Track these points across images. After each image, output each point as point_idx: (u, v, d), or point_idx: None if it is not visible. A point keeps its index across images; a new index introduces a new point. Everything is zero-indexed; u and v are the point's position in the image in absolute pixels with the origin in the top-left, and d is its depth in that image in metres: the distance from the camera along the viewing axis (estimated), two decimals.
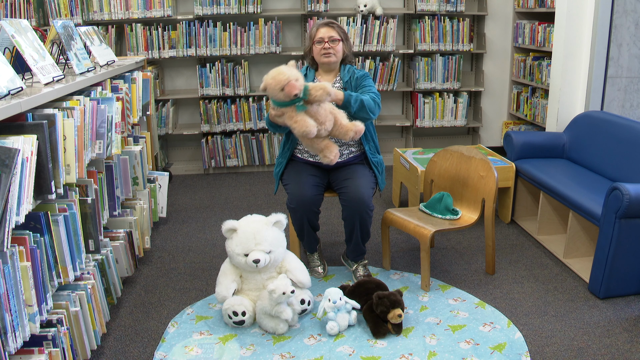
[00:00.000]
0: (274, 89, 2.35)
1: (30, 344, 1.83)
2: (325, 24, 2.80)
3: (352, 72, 2.83)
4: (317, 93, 2.37)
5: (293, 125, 2.39)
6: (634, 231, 2.59)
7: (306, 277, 2.60)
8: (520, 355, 2.27)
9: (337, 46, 2.78)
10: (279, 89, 2.33)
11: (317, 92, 2.37)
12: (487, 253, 2.97)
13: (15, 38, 2.08)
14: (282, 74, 2.34)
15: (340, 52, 2.81)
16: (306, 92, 2.36)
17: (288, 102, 2.36)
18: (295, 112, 2.37)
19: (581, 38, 3.74)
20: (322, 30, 2.78)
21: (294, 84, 2.32)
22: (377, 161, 2.85)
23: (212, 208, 4.05)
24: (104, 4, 4.41)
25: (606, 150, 3.31)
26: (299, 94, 2.33)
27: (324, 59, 2.78)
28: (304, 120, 2.36)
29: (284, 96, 2.34)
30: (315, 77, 2.87)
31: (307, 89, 2.36)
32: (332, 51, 2.77)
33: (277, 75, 2.34)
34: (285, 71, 2.35)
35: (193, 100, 4.92)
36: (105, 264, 2.49)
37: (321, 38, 2.77)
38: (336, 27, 2.80)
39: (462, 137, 5.33)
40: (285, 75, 2.33)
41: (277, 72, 2.36)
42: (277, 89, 2.34)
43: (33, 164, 1.73)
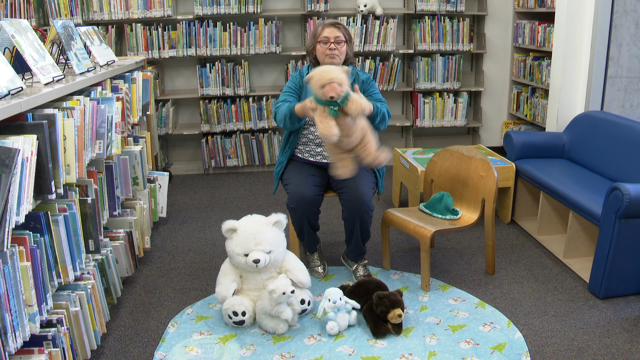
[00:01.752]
0: (316, 83, 2.36)
1: (30, 344, 1.83)
2: (332, 24, 2.77)
3: (355, 74, 2.82)
4: (352, 106, 2.36)
5: (318, 124, 2.39)
6: (634, 231, 2.59)
7: (306, 277, 2.60)
8: (520, 355, 2.27)
9: (342, 47, 2.76)
10: (320, 85, 2.34)
11: (352, 105, 2.36)
12: (487, 253, 2.97)
13: (15, 38, 2.08)
14: (329, 72, 2.34)
15: (344, 53, 2.79)
16: (344, 100, 2.35)
17: (324, 102, 2.37)
18: (326, 113, 2.37)
19: (581, 38, 3.74)
20: (327, 29, 2.75)
21: (335, 86, 2.32)
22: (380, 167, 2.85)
23: (212, 208, 4.05)
24: (104, 4, 4.41)
25: (606, 150, 3.31)
26: (336, 98, 2.33)
27: (327, 60, 2.76)
28: (329, 124, 2.35)
29: (321, 94, 2.35)
30: None
31: (346, 98, 2.35)
32: (336, 52, 2.75)
33: (324, 73, 2.35)
34: (334, 72, 2.35)
35: (193, 100, 4.92)
36: (105, 264, 2.49)
37: (326, 38, 2.74)
38: (342, 28, 2.78)
39: (462, 137, 5.33)
40: (331, 75, 2.33)
41: (327, 69, 2.37)
42: (319, 84, 2.34)
43: (33, 164, 1.73)
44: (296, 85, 2.84)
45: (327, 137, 2.37)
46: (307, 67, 2.89)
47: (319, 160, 2.81)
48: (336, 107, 2.35)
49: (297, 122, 2.67)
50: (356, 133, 2.44)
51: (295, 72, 2.90)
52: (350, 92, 2.39)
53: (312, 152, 2.82)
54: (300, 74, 2.85)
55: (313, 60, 2.86)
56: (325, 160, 2.80)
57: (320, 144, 2.80)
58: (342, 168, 2.51)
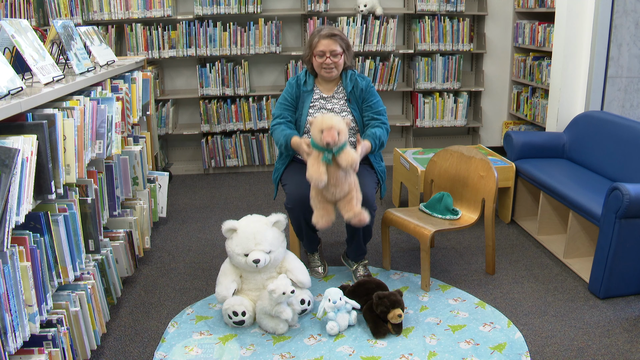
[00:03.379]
0: (316, 126, 2.40)
1: (30, 344, 1.83)
2: (328, 35, 2.68)
3: (354, 80, 2.77)
4: (344, 158, 2.39)
5: (309, 167, 2.43)
6: (634, 231, 2.59)
7: (306, 277, 2.60)
8: (520, 355, 2.27)
9: (339, 60, 2.70)
10: (319, 129, 2.38)
11: (345, 157, 2.39)
12: (487, 253, 2.97)
13: (15, 38, 2.08)
14: (331, 120, 2.38)
15: (342, 64, 2.73)
16: (338, 150, 2.39)
17: (319, 147, 2.40)
18: (319, 159, 2.41)
19: (581, 38, 3.74)
20: (323, 42, 2.67)
21: (334, 134, 2.35)
22: (381, 169, 2.85)
23: (212, 208, 4.05)
24: (104, 4, 4.41)
25: (606, 150, 3.31)
26: (332, 146, 2.36)
27: (324, 74, 2.72)
28: (320, 169, 2.39)
29: (319, 138, 2.38)
30: (314, 85, 2.81)
31: (340, 149, 2.39)
32: (333, 66, 2.69)
33: (327, 119, 2.39)
34: (336, 121, 2.39)
35: (193, 100, 4.92)
36: (105, 264, 2.49)
37: (322, 51, 2.68)
38: (338, 38, 2.69)
39: (462, 137, 5.33)
40: (332, 122, 2.37)
41: (329, 117, 2.41)
42: (319, 128, 2.39)
43: (33, 164, 1.73)
44: (292, 96, 2.79)
45: (314, 181, 2.39)
46: (304, 72, 2.85)
47: None
48: (330, 154, 2.39)
49: (292, 151, 2.69)
50: (344, 186, 2.46)
51: (292, 80, 2.84)
52: (347, 144, 2.43)
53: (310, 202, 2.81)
54: (297, 82, 2.80)
55: (310, 69, 2.81)
56: None
57: None
58: (320, 218, 2.51)
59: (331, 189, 2.45)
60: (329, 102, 2.77)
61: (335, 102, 2.78)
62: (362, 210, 2.49)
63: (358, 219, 2.49)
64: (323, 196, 2.49)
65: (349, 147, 2.45)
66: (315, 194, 2.51)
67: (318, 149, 2.41)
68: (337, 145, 2.37)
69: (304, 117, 2.74)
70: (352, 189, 2.49)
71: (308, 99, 2.76)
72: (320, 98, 2.77)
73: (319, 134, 2.38)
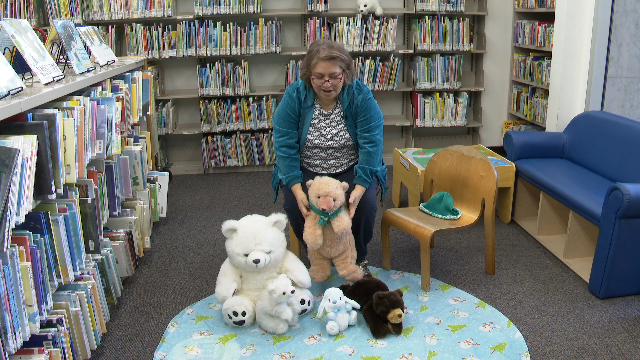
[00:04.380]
0: (313, 191, 2.55)
1: (30, 344, 1.83)
2: (327, 58, 2.52)
3: (351, 95, 2.67)
4: (338, 224, 2.53)
5: (306, 229, 2.59)
6: (634, 231, 2.59)
7: (306, 277, 2.60)
8: (520, 355, 2.27)
9: (339, 82, 2.59)
10: (316, 194, 2.53)
11: (338, 224, 2.53)
12: (487, 253, 2.97)
13: (15, 38, 2.08)
14: (328, 186, 2.52)
15: (341, 85, 2.62)
16: (333, 215, 2.54)
17: (316, 210, 2.55)
18: (315, 220, 2.57)
19: (581, 38, 3.74)
20: (322, 65, 2.53)
21: (329, 200, 2.50)
22: (382, 173, 2.85)
23: (212, 208, 4.05)
24: (104, 4, 4.41)
25: (606, 150, 3.31)
26: (327, 211, 2.51)
27: (323, 95, 2.64)
28: (315, 231, 2.56)
29: (315, 203, 2.54)
30: (314, 100, 2.71)
31: (335, 214, 2.54)
32: (332, 88, 2.59)
33: (324, 184, 2.53)
34: (332, 187, 2.52)
35: (193, 100, 4.92)
36: (105, 264, 2.49)
37: (321, 74, 2.55)
38: (338, 60, 2.54)
39: (462, 137, 5.33)
40: (329, 188, 2.51)
41: (327, 181, 2.54)
42: (315, 193, 2.54)
43: (33, 164, 1.73)
44: (294, 112, 2.69)
45: (309, 243, 2.57)
46: (302, 85, 2.72)
47: (318, 172, 2.79)
48: (326, 218, 2.54)
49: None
50: (339, 246, 2.63)
51: (292, 92, 2.71)
52: (342, 210, 2.57)
53: (310, 164, 2.81)
54: (298, 95, 2.69)
55: (308, 84, 2.69)
56: (324, 171, 2.78)
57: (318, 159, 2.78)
58: (316, 273, 2.69)
59: (327, 248, 2.63)
60: (327, 117, 2.73)
61: (333, 117, 2.73)
62: (356, 268, 2.67)
63: (352, 276, 2.65)
64: (319, 253, 2.67)
65: (344, 212, 2.58)
66: (313, 253, 2.67)
67: (315, 211, 2.57)
68: (332, 210, 2.53)
69: (305, 134, 2.72)
70: (347, 249, 2.66)
71: (309, 116, 2.72)
72: (320, 114, 2.73)
73: (316, 198, 2.53)
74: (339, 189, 2.53)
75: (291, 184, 2.68)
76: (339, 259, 2.66)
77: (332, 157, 2.76)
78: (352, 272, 2.65)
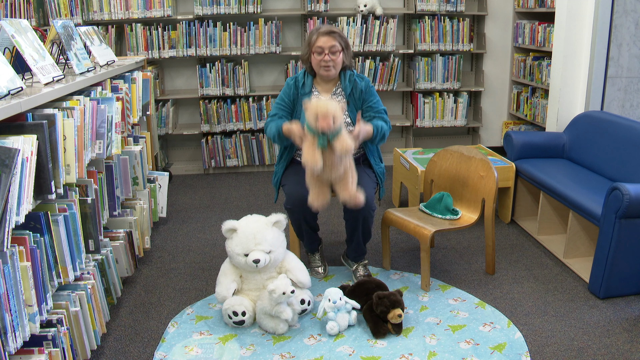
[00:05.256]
0: (312, 111, 2.38)
1: (30, 344, 1.83)
2: (326, 32, 2.67)
3: (353, 81, 2.75)
4: (339, 145, 2.37)
5: (304, 151, 2.42)
6: (634, 231, 2.59)
7: (306, 277, 2.60)
8: (520, 355, 2.27)
9: (338, 58, 2.69)
10: (315, 114, 2.36)
11: (340, 144, 2.37)
12: (487, 253, 2.97)
13: (15, 38, 2.08)
14: (327, 106, 2.36)
15: (340, 63, 2.72)
16: (333, 136, 2.37)
17: (314, 132, 2.39)
18: (314, 144, 2.40)
19: (581, 38, 3.74)
20: (322, 39, 2.65)
21: (329, 120, 2.33)
22: (380, 171, 2.85)
23: (212, 208, 4.05)
24: (104, 4, 4.41)
25: (606, 150, 3.31)
26: (327, 132, 2.35)
27: (323, 72, 2.70)
28: (315, 154, 2.38)
29: (314, 124, 2.37)
30: (313, 85, 2.79)
31: (336, 134, 2.37)
32: (331, 64, 2.67)
33: (322, 104, 2.37)
34: (331, 107, 2.36)
35: (193, 100, 4.92)
36: (105, 264, 2.49)
37: (321, 48, 2.66)
38: (337, 36, 2.67)
39: (462, 137, 5.33)
40: (328, 109, 2.35)
41: (325, 102, 2.38)
42: (314, 113, 2.36)
43: (33, 164, 1.73)
44: (289, 97, 2.78)
45: (310, 166, 2.39)
46: (302, 72, 2.82)
47: None
48: (325, 140, 2.38)
49: (286, 140, 2.66)
50: (339, 169, 2.45)
51: (290, 80, 2.82)
52: (342, 129, 2.41)
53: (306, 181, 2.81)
54: (296, 83, 2.79)
55: (309, 69, 2.79)
56: None
57: None
58: (316, 198, 2.51)
59: (327, 171, 2.44)
60: None
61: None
62: (357, 191, 2.49)
63: (354, 200, 2.49)
64: (319, 177, 2.49)
65: (345, 133, 2.42)
66: (311, 176, 2.50)
67: (313, 133, 2.39)
68: (333, 132, 2.36)
69: (302, 121, 2.73)
70: (348, 171, 2.48)
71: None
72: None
73: (314, 119, 2.36)
74: (338, 108, 2.38)
75: (280, 127, 2.62)
76: (340, 182, 2.49)
77: None
78: (353, 196, 2.47)
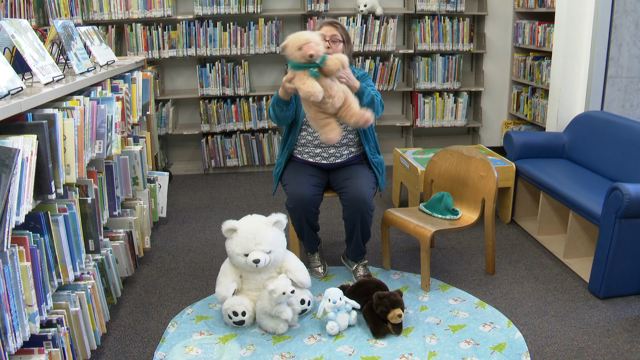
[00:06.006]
0: (292, 46, 2.36)
1: (30, 344, 1.83)
2: (330, 22, 2.77)
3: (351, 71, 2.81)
4: (331, 63, 2.35)
5: (301, 87, 2.37)
6: (634, 231, 2.59)
7: (306, 277, 2.60)
8: (520, 355, 2.27)
9: (338, 47, 2.74)
10: (297, 47, 2.34)
11: (331, 61, 2.35)
12: (487, 253, 2.97)
13: (15, 38, 2.08)
14: (303, 35, 2.37)
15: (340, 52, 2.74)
16: (323, 60, 2.35)
17: (303, 65, 2.36)
18: (307, 76, 2.36)
19: (581, 38, 3.74)
20: (325, 28, 2.75)
21: (312, 46, 2.33)
22: (377, 162, 2.85)
23: (212, 208, 4.05)
24: (104, 4, 4.41)
25: (606, 150, 3.31)
26: (315, 58, 2.33)
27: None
28: (312, 83, 2.34)
29: (300, 56, 2.34)
30: None
31: (324, 57, 2.36)
32: (331, 51, 2.70)
33: (299, 36, 2.37)
34: (308, 35, 2.38)
35: (193, 100, 4.92)
36: (105, 264, 2.49)
37: (323, 36, 2.70)
38: (340, 27, 2.77)
39: (462, 137, 5.33)
40: (306, 37, 2.36)
41: (300, 33, 2.39)
42: (296, 47, 2.34)
43: (33, 164, 1.73)
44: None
45: (312, 95, 2.33)
46: None
47: (318, 162, 2.81)
48: (315, 68, 2.34)
49: (286, 106, 2.64)
50: (338, 93, 2.41)
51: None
52: (326, 54, 2.39)
53: (310, 153, 2.82)
54: None
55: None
56: (324, 161, 2.80)
57: (319, 145, 2.79)
58: (330, 132, 2.46)
59: (329, 101, 2.40)
60: None
61: None
62: (363, 110, 2.47)
63: (364, 119, 2.45)
64: (323, 112, 2.45)
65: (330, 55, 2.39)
66: (315, 113, 2.48)
67: (302, 67, 2.37)
68: (320, 55, 2.35)
69: (303, 111, 2.73)
70: (347, 94, 2.46)
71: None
72: None
73: (298, 51, 2.34)
74: (316, 35, 2.40)
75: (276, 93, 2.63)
76: (343, 108, 2.45)
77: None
78: (361, 115, 2.44)
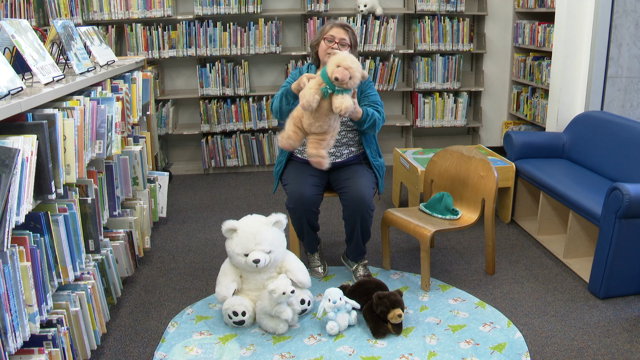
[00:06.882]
0: (336, 60, 2.35)
1: (30, 344, 1.83)
2: (342, 25, 2.77)
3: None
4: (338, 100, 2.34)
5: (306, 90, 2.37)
6: (634, 231, 2.59)
7: (306, 277, 2.60)
8: (520, 355, 2.27)
9: (345, 50, 2.71)
10: (337, 64, 2.33)
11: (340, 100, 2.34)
12: (487, 253, 2.97)
13: (15, 38, 2.08)
14: (353, 62, 2.34)
15: None
16: (340, 91, 2.35)
17: (326, 78, 2.35)
18: (317, 88, 2.36)
19: (581, 38, 3.74)
20: (335, 29, 2.75)
21: (347, 74, 2.31)
22: (378, 164, 2.85)
23: (212, 208, 4.05)
24: (104, 4, 4.41)
25: (606, 150, 3.31)
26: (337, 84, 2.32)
27: (327, 59, 2.72)
28: (314, 96, 2.33)
29: (331, 71, 2.34)
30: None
31: (342, 92, 2.35)
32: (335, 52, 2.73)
33: (349, 58, 2.35)
34: (356, 65, 2.35)
35: (193, 100, 4.92)
36: (105, 264, 2.49)
37: (332, 36, 2.74)
38: (350, 32, 2.77)
39: (462, 137, 5.33)
40: (352, 65, 2.33)
41: (353, 58, 2.37)
42: (337, 63, 2.34)
43: (33, 164, 1.73)
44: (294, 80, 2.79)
45: (305, 102, 2.34)
46: (307, 65, 2.88)
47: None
48: (331, 90, 2.34)
49: (293, 100, 2.63)
50: (323, 125, 2.40)
51: (295, 70, 2.89)
52: (350, 91, 2.39)
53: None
54: (300, 72, 2.83)
55: (314, 56, 2.85)
56: None
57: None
58: (286, 139, 2.45)
59: (311, 120, 2.40)
60: None
61: None
62: (325, 155, 2.45)
63: (316, 160, 2.44)
64: (300, 122, 2.44)
65: (349, 96, 2.38)
66: (293, 118, 2.47)
67: (324, 78, 2.36)
68: (342, 86, 2.33)
69: None
70: (329, 133, 2.44)
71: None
72: None
73: (335, 67, 2.33)
74: (360, 72, 2.35)
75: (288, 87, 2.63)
76: (315, 137, 2.43)
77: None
78: (317, 156, 2.43)
